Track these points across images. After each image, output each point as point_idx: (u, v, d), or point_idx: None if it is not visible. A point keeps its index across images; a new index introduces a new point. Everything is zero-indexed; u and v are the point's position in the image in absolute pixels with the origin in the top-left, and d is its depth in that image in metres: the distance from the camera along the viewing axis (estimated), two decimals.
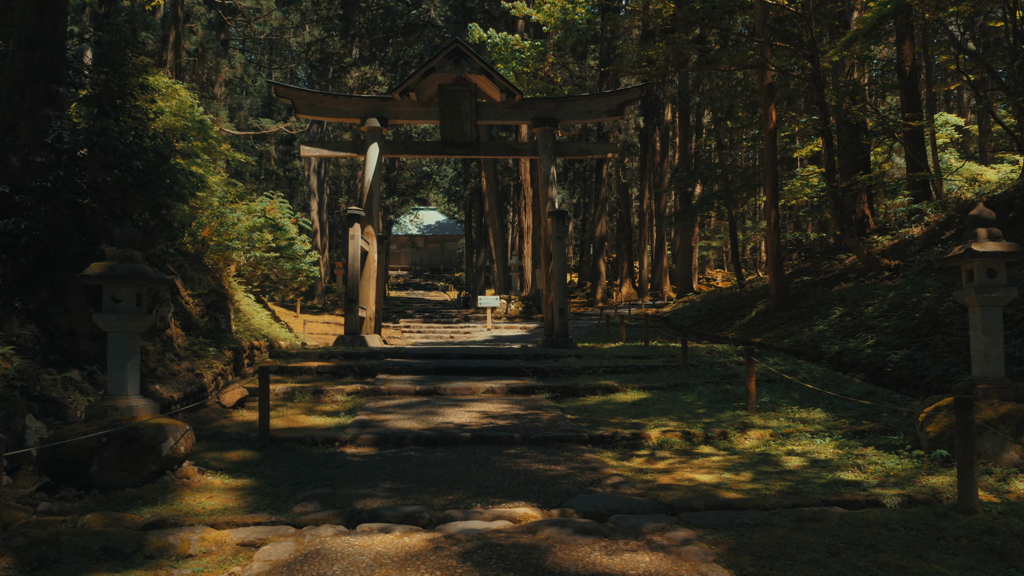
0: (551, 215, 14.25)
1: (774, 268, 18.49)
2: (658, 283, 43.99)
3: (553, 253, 14.46)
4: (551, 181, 15.59)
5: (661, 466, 5.89)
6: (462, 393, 9.59)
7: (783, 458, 5.95)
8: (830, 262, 21.72)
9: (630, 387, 9.82)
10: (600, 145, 16.25)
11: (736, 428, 6.97)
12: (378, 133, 15.50)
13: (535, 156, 15.97)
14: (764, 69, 18.50)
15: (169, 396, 8.18)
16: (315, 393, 9.39)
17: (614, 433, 6.85)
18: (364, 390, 9.51)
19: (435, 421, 7.65)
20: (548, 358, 12.13)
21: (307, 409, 8.56)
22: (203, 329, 10.65)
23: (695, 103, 36.51)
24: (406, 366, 11.02)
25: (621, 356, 12.36)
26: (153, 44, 24.77)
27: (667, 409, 8.23)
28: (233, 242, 14.15)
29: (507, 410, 8.38)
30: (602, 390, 9.76)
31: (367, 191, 15.51)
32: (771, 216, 18.59)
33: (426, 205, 64.26)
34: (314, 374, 10.75)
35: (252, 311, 14.31)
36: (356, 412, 8.24)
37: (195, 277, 11.81)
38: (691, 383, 9.94)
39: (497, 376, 10.76)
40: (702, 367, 11.13)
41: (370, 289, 15.31)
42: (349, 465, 5.93)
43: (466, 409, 8.41)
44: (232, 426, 7.44)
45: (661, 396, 9.27)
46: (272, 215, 16.51)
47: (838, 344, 11.93)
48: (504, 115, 15.79)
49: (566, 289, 14.27)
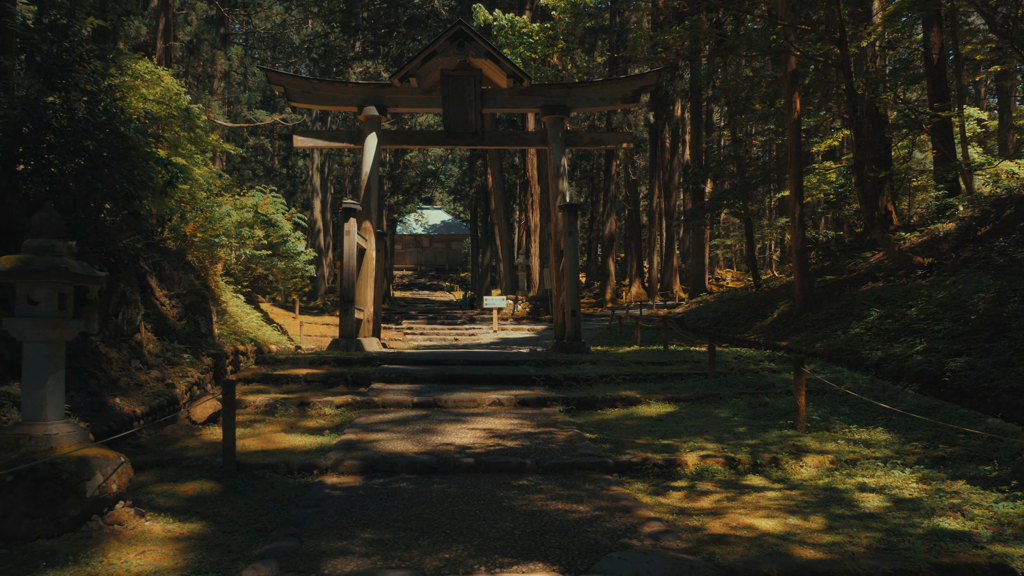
0: (562, 209, 13.17)
1: (799, 266, 17.37)
2: (668, 283, 42.95)
3: (564, 250, 13.38)
4: (562, 173, 14.51)
5: (706, 504, 4.82)
6: (465, 406, 8.52)
7: (856, 496, 4.86)
8: (853, 260, 20.63)
9: (654, 398, 8.74)
10: (614, 134, 15.16)
11: (788, 453, 5.88)
12: (376, 122, 14.46)
13: (544, 146, 14.90)
14: (787, 55, 17.38)
15: (131, 411, 7.15)
16: (300, 406, 8.34)
17: (644, 459, 5.77)
18: (356, 402, 8.46)
19: (433, 441, 6.59)
20: (560, 364, 11.06)
21: (288, 425, 7.51)
22: (180, 333, 9.62)
23: (708, 96, 35.37)
24: (404, 374, 9.97)
25: (640, 362, 11.28)
26: (147, 35, 23.83)
27: (701, 427, 7.14)
28: (220, 238, 13.14)
29: (516, 427, 7.31)
30: (623, 402, 8.69)
31: (365, 184, 14.47)
32: (796, 211, 17.46)
33: (431, 205, 63.37)
34: (302, 383, 9.70)
35: (240, 313, 13.29)
36: (344, 429, 7.18)
37: (174, 276, 10.79)
38: (722, 394, 8.85)
39: (504, 385, 9.70)
40: (731, 375, 10.04)
41: (368, 289, 14.27)
42: (326, 502, 4.88)
43: (469, 426, 7.35)
44: (197, 448, 6.39)
45: (690, 409, 8.19)
46: (265, 210, 15.50)
47: (880, 349, 10.82)
48: (511, 102, 14.72)
49: (579, 289, 13.20)
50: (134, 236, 8.54)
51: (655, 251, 45.23)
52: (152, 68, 12.82)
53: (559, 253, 14.50)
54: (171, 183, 10.20)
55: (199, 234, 12.50)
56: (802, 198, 17.81)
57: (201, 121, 13.30)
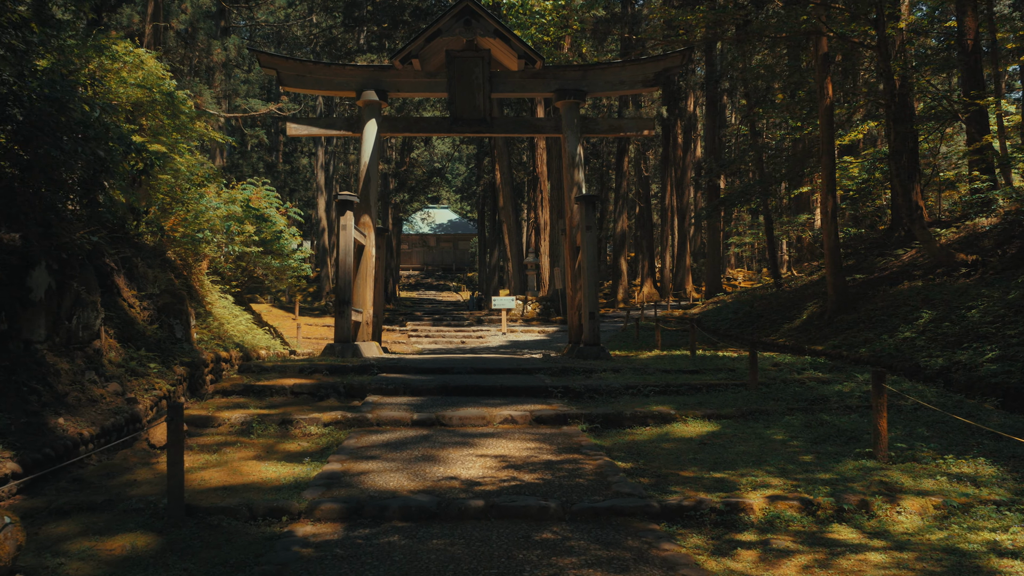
0: (579, 201, 11.97)
1: (832, 264, 16.13)
2: (680, 282, 41.79)
3: (581, 246, 12.18)
4: (577, 163, 13.33)
5: (792, 573, 3.63)
6: (472, 424, 7.35)
7: (993, 561, 3.66)
8: (884, 258, 19.41)
9: (690, 415, 7.55)
10: (634, 120, 13.94)
11: (879, 494, 4.68)
12: (376, 108, 13.32)
13: (557, 134, 13.72)
14: (819, 36, 16.15)
15: (77, 433, 6.02)
16: (282, 424, 7.20)
17: (698, 502, 4.59)
18: (346, 419, 7.30)
19: (434, 474, 5.42)
20: (579, 373, 9.88)
21: (264, 449, 6.36)
22: (150, 339, 8.49)
23: (724, 89, 34.11)
24: (404, 384, 8.81)
25: (668, 370, 10.08)
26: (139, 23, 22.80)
27: (756, 453, 5.94)
28: (205, 233, 12.02)
29: (534, 453, 6.13)
30: (655, 419, 7.50)
31: (363, 175, 13.33)
32: (828, 204, 16.23)
33: (438, 204, 62.39)
34: (287, 395, 8.56)
35: (227, 315, 12.17)
36: (328, 456, 6.03)
37: (148, 274, 9.67)
38: (770, 410, 7.65)
39: (517, 398, 8.53)
40: (774, 386, 8.83)
41: (367, 289, 13.13)
42: (291, 568, 3.72)
43: (478, 451, 6.19)
44: (146, 482, 5.25)
45: (736, 429, 7.00)
46: (257, 204, 14.37)
47: (941, 356, 9.58)
48: (522, 86, 13.54)
49: (597, 289, 12.02)
50: (90, 228, 7.42)
51: (667, 250, 44.00)
52: (132, 49, 11.72)
53: (574, 250, 13.32)
54: (146, 171, 9.10)
55: (181, 228, 11.39)
56: (835, 190, 16.57)
57: (187, 107, 12.18)
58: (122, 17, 21.97)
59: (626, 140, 37.32)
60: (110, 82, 11.10)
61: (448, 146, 52.69)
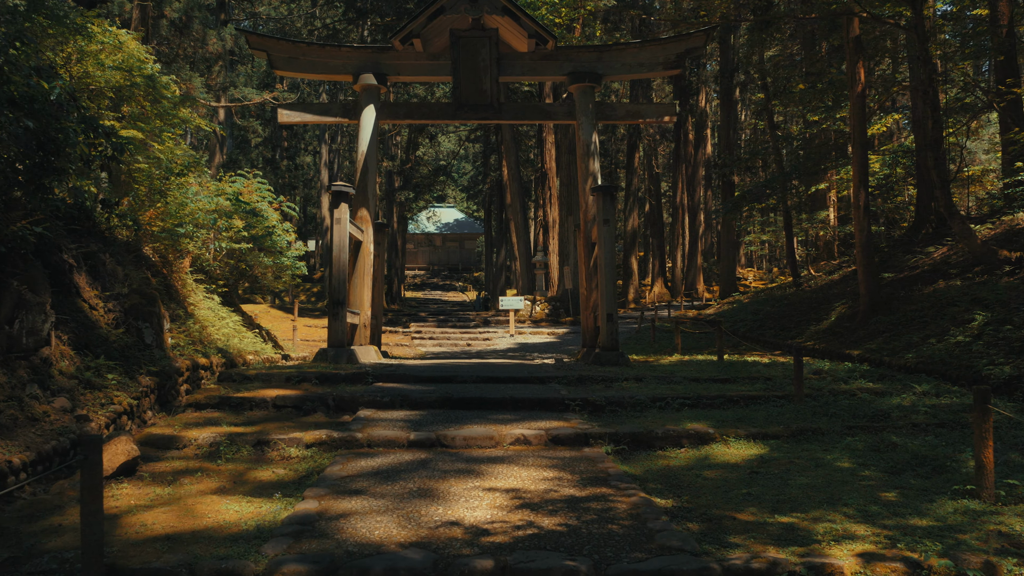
0: (596, 192, 10.89)
1: (864, 262, 15.03)
2: (692, 282, 40.73)
3: (598, 241, 11.09)
4: (592, 152, 12.28)
5: None
6: (479, 445, 6.31)
7: None
8: (913, 256, 18.31)
9: (732, 434, 6.49)
10: (655, 106, 12.87)
11: (1008, 553, 3.62)
12: (374, 93, 12.30)
13: (570, 120, 12.66)
14: (850, 17, 15.05)
15: (5, 461, 5.02)
16: (257, 445, 6.17)
17: (770, 564, 3.53)
18: (332, 440, 6.27)
19: (431, 517, 4.38)
20: (598, 382, 8.83)
21: (231, 479, 5.34)
22: (114, 345, 7.48)
23: (738, 82, 32.98)
24: (401, 396, 7.77)
25: (696, 378, 9.02)
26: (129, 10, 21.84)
27: (823, 487, 4.88)
28: (186, 227, 11.03)
29: (553, 485, 5.09)
30: (691, 439, 6.44)
31: (361, 165, 12.31)
32: (860, 198, 15.13)
33: (444, 203, 61.48)
34: (269, 409, 7.53)
35: (212, 317, 11.17)
36: (304, 489, 5.00)
37: (118, 272, 8.68)
38: (824, 429, 6.58)
39: (530, 412, 7.48)
40: (821, 399, 7.76)
41: (364, 288, 12.11)
42: None
43: (485, 482, 5.14)
44: (71, 528, 4.22)
45: (788, 453, 5.93)
46: (248, 198, 13.38)
47: (1008, 364, 8.49)
48: (533, 69, 12.49)
49: (615, 288, 10.95)
50: (34, 217, 6.41)
51: (678, 249, 42.89)
52: (110, 29, 10.71)
53: (589, 246, 12.27)
54: (115, 158, 8.12)
55: (160, 222, 10.39)
56: (867, 183, 15.47)
57: (171, 92, 11.17)
58: (113, 5, 21.03)
59: (637, 136, 36.22)
60: (87, 65, 10.15)
61: (454, 143, 51.66)
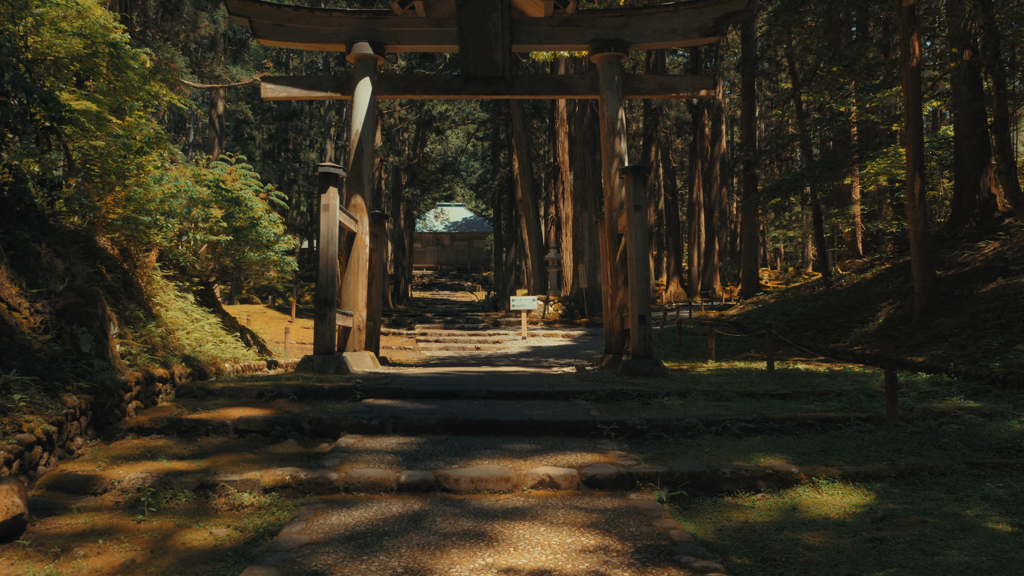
0: (626, 173, 9.31)
1: (921, 257, 13.41)
2: (709, 281, 39.14)
3: (627, 231, 9.52)
4: (618, 130, 10.74)
5: None
6: (491, 489, 4.79)
7: None
8: (961, 252, 16.71)
9: (821, 473, 4.94)
10: (690, 78, 11.29)
11: None
12: (371, 64, 10.83)
13: (593, 95, 11.13)
14: None
15: None
16: (199, 490, 4.68)
17: None
18: (299, 482, 4.76)
19: None
20: (633, 398, 7.30)
21: (147, 547, 3.84)
22: (37, 355, 6.02)
23: (762, 70, 31.37)
24: (394, 418, 6.26)
25: (751, 394, 7.48)
26: None
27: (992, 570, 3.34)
28: (152, 216, 9.59)
29: (596, 565, 3.55)
30: (768, 480, 4.90)
31: (355, 146, 10.83)
32: (915, 185, 13.51)
33: (452, 201, 60.15)
34: (229, 435, 6.04)
35: (183, 319, 9.71)
36: (243, 569, 3.50)
37: (57, 266, 7.24)
38: (941, 467, 5.02)
39: (554, 439, 5.95)
40: (919, 423, 6.21)
41: (358, 286, 10.63)
42: None
43: (500, 559, 3.62)
44: None
45: (908, 503, 4.39)
46: (231, 186, 11.92)
47: None
48: (550, 36, 10.97)
49: (648, 286, 9.39)
50: None
51: (695, 247, 41.27)
52: None
53: (615, 238, 10.72)
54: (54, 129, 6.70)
55: (118, 209, 8.94)
56: (923, 167, 13.85)
57: (139, 64, 9.73)
58: None
59: (653, 128, 34.65)
60: (45, 33, 8.78)
61: (462, 139, 50.25)
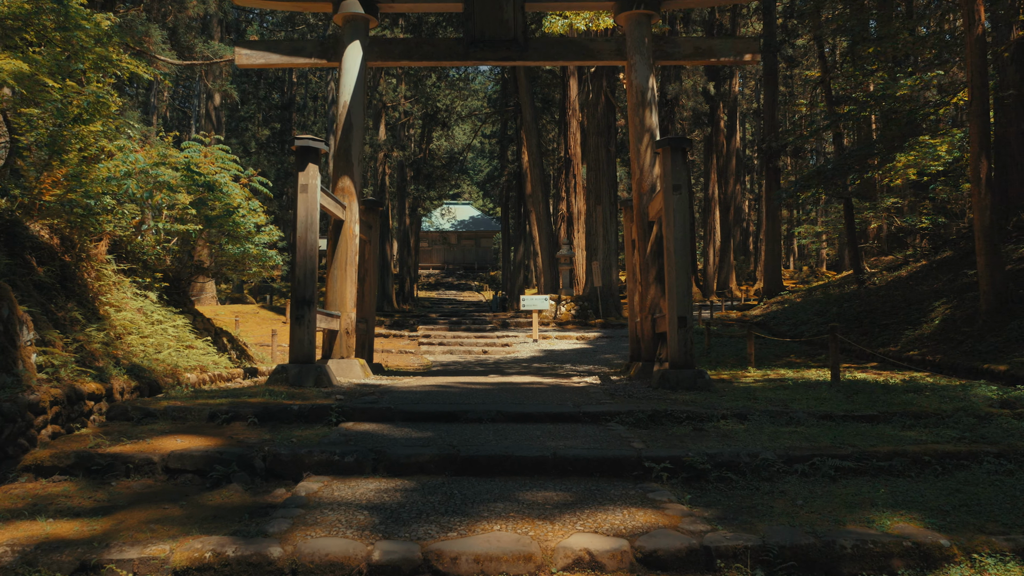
0: (662, 146, 7.72)
1: (987, 251, 11.82)
2: (725, 281, 37.55)
3: (665, 216, 7.91)
4: (648, 101, 9.20)
5: None
6: (504, 573, 3.27)
7: None
8: (1017, 246, 15.33)
9: (983, 547, 3.39)
10: (732, 40, 9.69)
11: None
12: (361, 26, 9.34)
13: (619, 60, 9.58)
14: None
15: None
16: (76, 574, 3.19)
17: None
18: (225, 562, 3.24)
19: None
20: (680, 421, 5.76)
21: None
22: None
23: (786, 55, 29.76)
24: (375, 452, 4.74)
25: (827, 415, 5.93)
26: None
27: None
28: (102, 200, 8.12)
29: None
30: (907, 559, 3.35)
31: (343, 120, 9.33)
32: (982, 168, 11.94)
33: (459, 199, 58.81)
34: (156, 476, 4.54)
35: (140, 320, 8.24)
36: None
37: None
38: None
39: (586, 482, 4.42)
40: None
41: (346, 283, 9.12)
42: None
43: None
44: None
45: None
46: (205, 170, 10.45)
47: None
48: None
49: (690, 282, 7.81)
50: None
51: (710, 245, 39.64)
52: None
53: (646, 226, 9.16)
54: None
55: (56, 190, 7.48)
56: (988, 147, 12.27)
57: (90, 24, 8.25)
58: None
59: (669, 121, 33.03)
60: None
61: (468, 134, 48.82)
